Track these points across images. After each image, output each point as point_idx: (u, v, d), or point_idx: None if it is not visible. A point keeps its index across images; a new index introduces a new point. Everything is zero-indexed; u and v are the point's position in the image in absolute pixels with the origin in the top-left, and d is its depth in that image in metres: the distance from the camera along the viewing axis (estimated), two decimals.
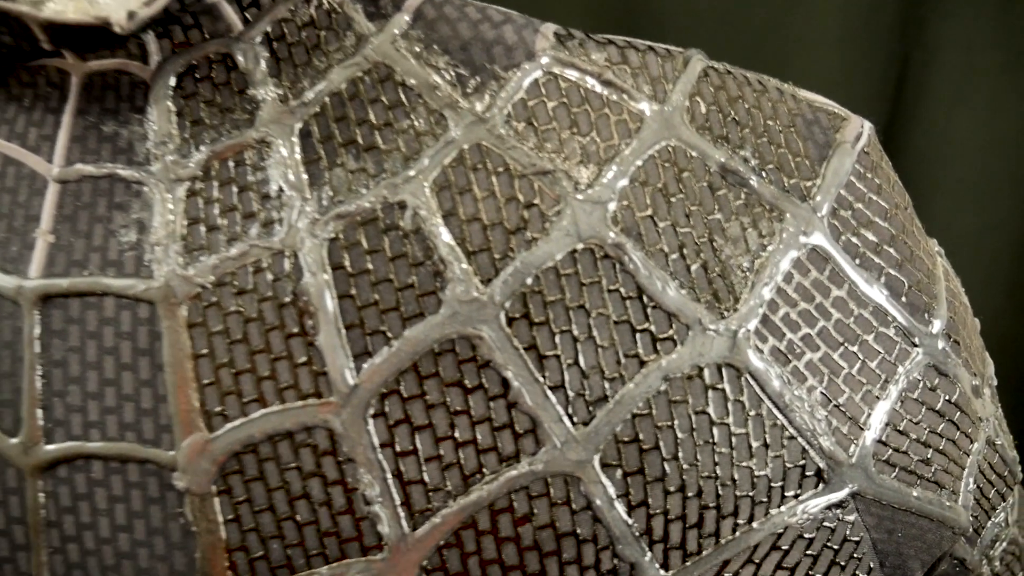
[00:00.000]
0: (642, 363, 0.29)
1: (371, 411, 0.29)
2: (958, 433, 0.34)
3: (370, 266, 0.29)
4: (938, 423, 0.33)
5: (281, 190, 0.30)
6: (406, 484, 0.29)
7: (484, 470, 0.29)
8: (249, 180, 0.30)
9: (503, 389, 0.28)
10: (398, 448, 0.29)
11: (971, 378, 0.34)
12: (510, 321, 0.28)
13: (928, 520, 0.33)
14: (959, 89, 1.03)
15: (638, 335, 0.29)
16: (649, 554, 0.29)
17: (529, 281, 0.28)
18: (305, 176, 0.30)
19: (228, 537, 0.29)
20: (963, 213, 1.07)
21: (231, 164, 0.30)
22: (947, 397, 0.33)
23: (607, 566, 0.29)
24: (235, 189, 0.30)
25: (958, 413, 0.33)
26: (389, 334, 0.28)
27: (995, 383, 0.38)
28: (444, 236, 0.29)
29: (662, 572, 0.29)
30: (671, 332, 0.29)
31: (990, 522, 0.37)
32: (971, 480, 0.35)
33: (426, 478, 0.29)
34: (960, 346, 0.34)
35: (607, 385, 0.29)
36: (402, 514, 0.29)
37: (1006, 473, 0.37)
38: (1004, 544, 0.39)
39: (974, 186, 1.06)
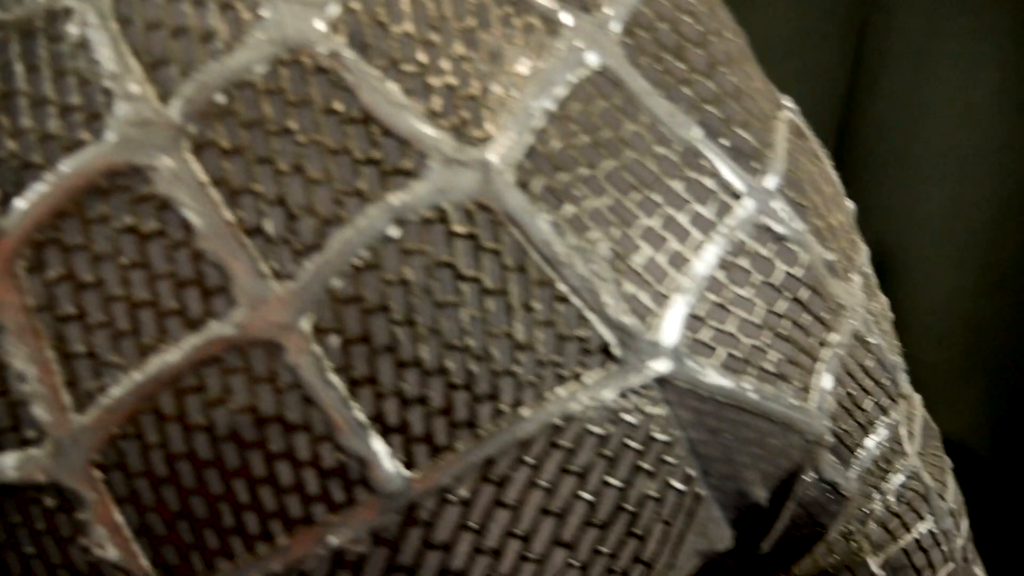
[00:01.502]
0: (366, 201, 0.23)
1: (22, 264, 0.23)
2: (806, 316, 0.27)
3: (23, 86, 0.23)
4: (775, 299, 0.26)
5: None
6: (69, 357, 0.23)
7: (166, 337, 0.23)
8: None
9: (186, 234, 0.22)
10: (58, 311, 0.23)
11: (825, 252, 0.28)
12: (195, 148, 0.23)
13: (767, 421, 0.27)
14: (923, 56, 0.97)
15: (361, 166, 0.23)
16: (383, 447, 0.23)
17: (219, 98, 0.23)
18: None
19: None
20: (932, 189, 1.01)
21: None
22: (788, 269, 0.27)
23: (329, 462, 0.23)
24: None
25: (805, 291, 0.27)
26: (43, 167, 0.23)
27: (871, 274, 0.31)
28: (115, 46, 0.23)
29: (404, 471, 0.23)
30: (404, 163, 0.23)
31: (869, 440, 0.30)
32: (829, 377, 0.28)
33: (95, 349, 0.23)
34: (808, 211, 0.28)
35: (320, 229, 0.23)
36: (65, 396, 0.23)
37: (886, 381, 0.31)
38: (902, 477, 0.33)
39: (943, 160, 1.00)
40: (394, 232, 0.23)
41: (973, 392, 1.04)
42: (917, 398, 0.36)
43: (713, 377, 0.25)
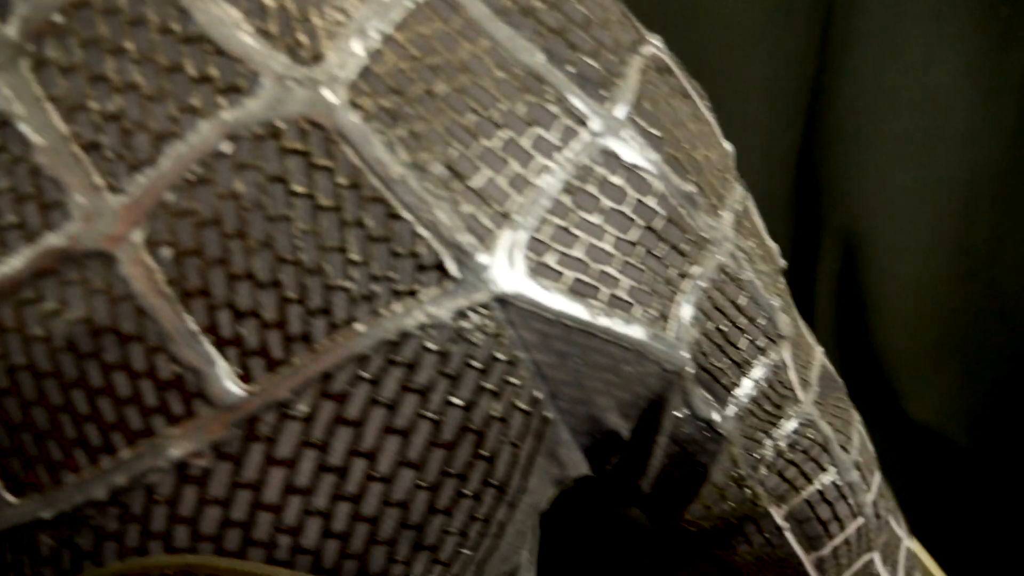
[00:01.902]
0: (199, 117, 0.23)
1: None
2: (662, 245, 0.28)
3: None
4: (627, 227, 0.27)
5: None
6: None
7: (5, 249, 0.23)
8: None
9: (24, 149, 0.23)
10: None
11: (683, 184, 0.28)
12: (34, 66, 0.23)
13: (619, 347, 0.27)
14: (888, 38, 0.97)
15: (194, 84, 0.23)
16: (219, 359, 0.24)
17: (56, 18, 0.23)
18: None
19: None
20: (901, 172, 1.01)
21: None
22: (639, 197, 0.27)
23: (165, 373, 0.24)
24: None
25: (660, 221, 0.27)
26: None
27: (744, 212, 0.32)
28: None
29: (241, 384, 0.24)
30: (237, 80, 0.23)
31: (746, 379, 0.31)
32: (689, 308, 0.28)
33: None
34: (664, 142, 0.28)
35: (154, 144, 0.23)
36: None
37: (762, 320, 0.31)
38: (795, 423, 0.33)
39: (911, 142, 1.00)
40: (226, 148, 0.23)
41: (947, 380, 1.04)
42: (819, 350, 0.36)
43: (559, 301, 0.26)
